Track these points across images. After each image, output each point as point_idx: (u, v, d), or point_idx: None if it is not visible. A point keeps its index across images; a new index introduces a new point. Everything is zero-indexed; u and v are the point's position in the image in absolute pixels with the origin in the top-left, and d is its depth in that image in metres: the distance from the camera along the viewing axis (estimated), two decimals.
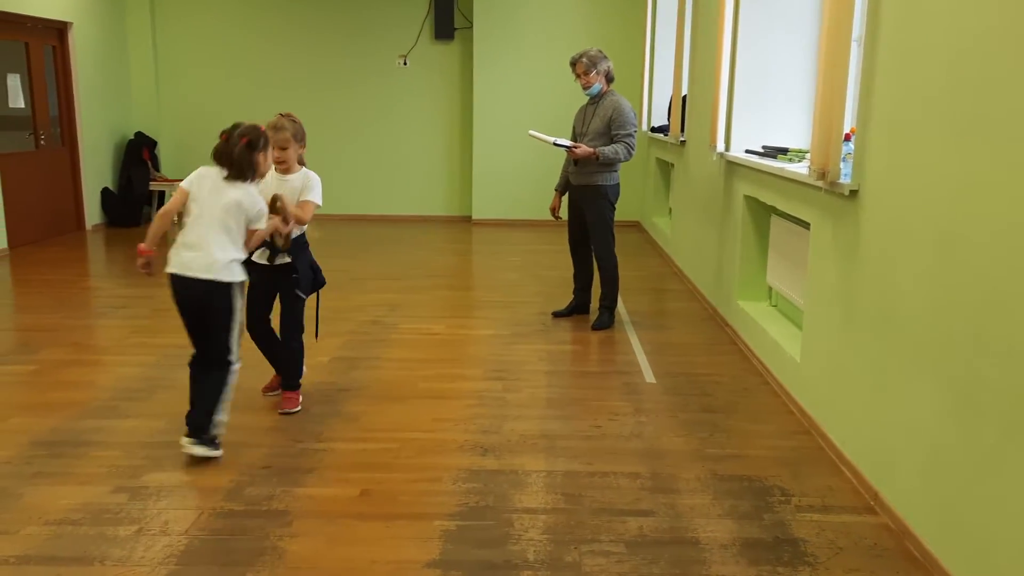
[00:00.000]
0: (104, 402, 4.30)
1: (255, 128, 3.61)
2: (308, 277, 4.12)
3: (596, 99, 5.60)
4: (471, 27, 10.17)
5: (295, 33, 10.39)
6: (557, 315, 5.97)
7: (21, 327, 5.77)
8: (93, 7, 9.62)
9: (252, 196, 3.60)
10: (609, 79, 5.58)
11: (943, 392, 2.79)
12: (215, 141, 3.59)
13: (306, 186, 4.01)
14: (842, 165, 3.69)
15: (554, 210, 5.96)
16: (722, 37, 5.77)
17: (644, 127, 9.54)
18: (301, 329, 4.18)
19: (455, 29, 10.30)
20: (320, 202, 4.03)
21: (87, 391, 4.46)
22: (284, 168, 4.00)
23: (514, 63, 10.13)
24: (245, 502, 3.25)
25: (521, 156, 10.10)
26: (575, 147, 5.47)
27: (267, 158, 3.69)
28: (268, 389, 4.39)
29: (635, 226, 10.25)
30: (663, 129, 8.74)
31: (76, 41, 9.29)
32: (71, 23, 9.18)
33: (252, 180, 3.62)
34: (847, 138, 3.76)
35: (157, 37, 10.47)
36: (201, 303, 3.57)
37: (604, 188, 5.58)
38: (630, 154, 5.49)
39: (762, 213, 5.28)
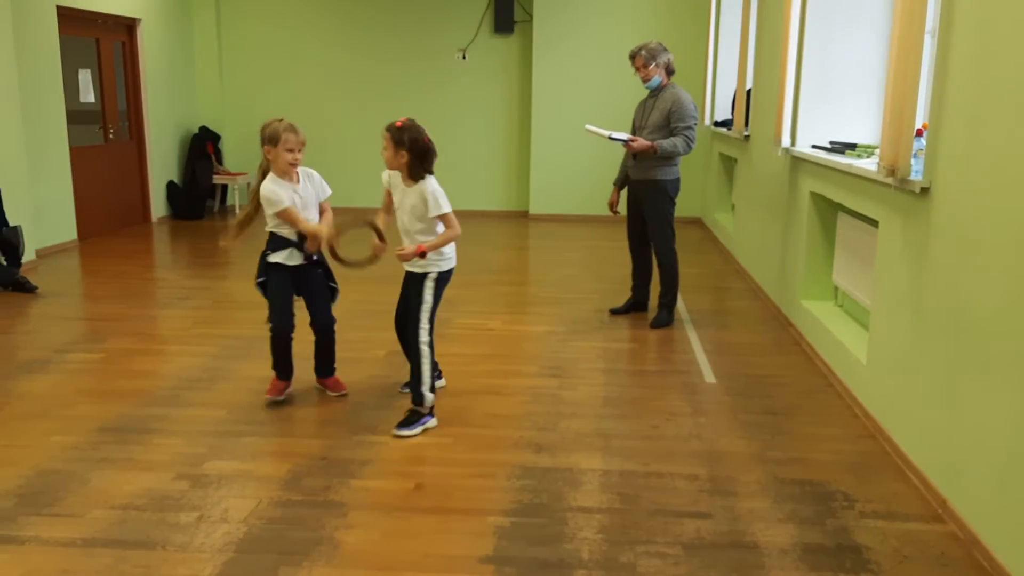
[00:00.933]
0: (167, 391, 4.38)
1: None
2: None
3: (656, 92, 5.50)
4: (531, 20, 10.13)
5: (356, 28, 10.48)
6: (615, 312, 5.91)
7: (89, 316, 5.93)
8: (161, 4, 9.82)
9: None
10: (669, 72, 5.49)
11: (1020, 397, 2.68)
12: None
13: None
14: (913, 161, 3.58)
15: (612, 205, 5.89)
16: (789, 28, 5.65)
17: (707, 121, 9.41)
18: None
19: (515, 22, 10.28)
20: None
21: (151, 379, 4.55)
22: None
23: (574, 57, 10.07)
24: (302, 492, 3.28)
25: (579, 150, 10.04)
26: (631, 140, 5.38)
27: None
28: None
29: (696, 222, 10.12)
30: (726, 123, 8.61)
31: (144, 37, 9.50)
32: (139, 19, 9.39)
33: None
34: (919, 133, 3.65)
35: (222, 33, 10.65)
36: None
37: (663, 183, 5.49)
38: (689, 147, 5.37)
39: (828, 210, 5.15)
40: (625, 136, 5.43)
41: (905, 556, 2.89)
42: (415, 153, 3.79)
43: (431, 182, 3.87)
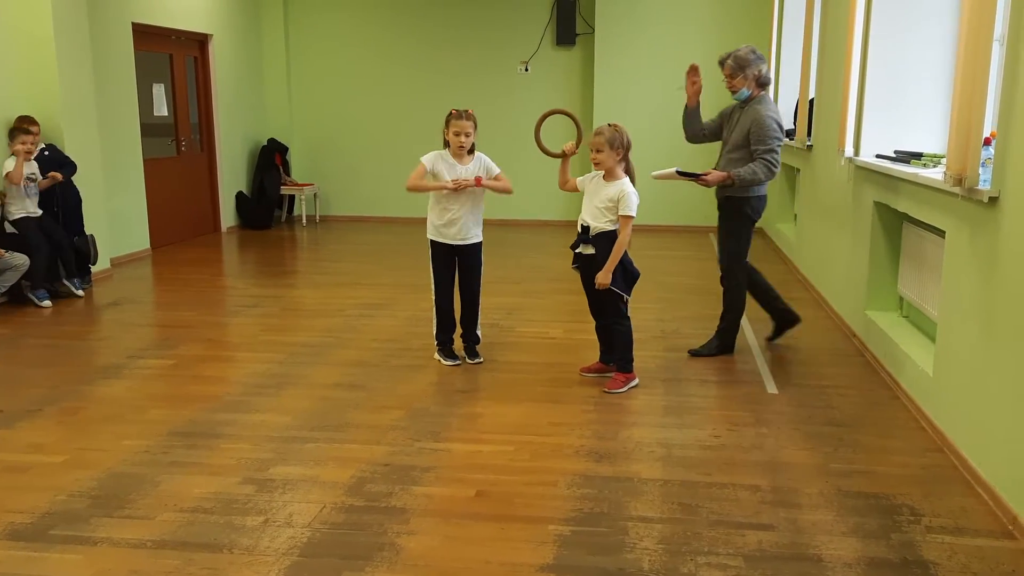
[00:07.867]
0: (235, 396, 4.50)
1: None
2: (618, 274, 4.72)
3: (743, 104, 4.99)
4: (592, 33, 10.15)
5: (419, 42, 10.62)
6: (772, 339, 5.48)
7: (162, 323, 6.11)
8: (231, 20, 10.10)
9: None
10: (761, 84, 4.93)
11: None
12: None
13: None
14: (981, 171, 3.50)
15: None
16: (853, 36, 5.57)
17: None
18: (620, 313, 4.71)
19: (577, 35, 10.31)
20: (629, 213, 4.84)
21: (220, 385, 4.67)
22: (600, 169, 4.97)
23: (635, 69, 10.06)
24: (365, 498, 3.34)
25: (640, 162, 9.96)
26: (704, 175, 4.91)
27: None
28: (587, 370, 4.85)
29: (758, 232, 9.98)
30: (789, 133, 8.50)
31: (215, 53, 9.78)
32: (211, 35, 9.67)
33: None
34: (987, 142, 3.57)
35: (290, 49, 10.90)
36: None
37: (742, 200, 4.97)
38: (771, 172, 4.79)
39: (893, 220, 5.06)
40: (694, 172, 4.98)
41: (974, 573, 2.82)
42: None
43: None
